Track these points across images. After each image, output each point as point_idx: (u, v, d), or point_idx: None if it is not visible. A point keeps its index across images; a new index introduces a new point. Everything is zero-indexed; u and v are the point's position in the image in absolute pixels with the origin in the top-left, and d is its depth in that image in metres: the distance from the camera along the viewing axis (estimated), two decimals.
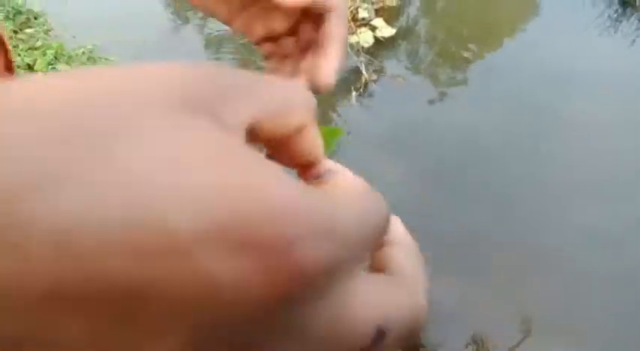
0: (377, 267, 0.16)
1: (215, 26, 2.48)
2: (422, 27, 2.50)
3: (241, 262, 0.09)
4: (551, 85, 2.21)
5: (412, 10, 2.57)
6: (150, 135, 0.09)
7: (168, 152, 0.09)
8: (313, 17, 0.27)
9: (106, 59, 2.14)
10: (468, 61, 2.37)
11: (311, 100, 0.14)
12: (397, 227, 0.18)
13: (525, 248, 1.69)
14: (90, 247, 0.08)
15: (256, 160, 0.10)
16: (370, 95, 2.14)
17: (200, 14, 2.53)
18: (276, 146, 0.13)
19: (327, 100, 2.13)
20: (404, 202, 1.83)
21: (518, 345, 1.51)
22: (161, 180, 0.09)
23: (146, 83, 0.10)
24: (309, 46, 0.28)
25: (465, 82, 2.26)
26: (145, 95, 0.10)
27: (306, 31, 0.28)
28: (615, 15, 2.57)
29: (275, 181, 0.09)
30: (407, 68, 2.26)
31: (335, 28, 0.26)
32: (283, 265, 0.09)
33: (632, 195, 1.85)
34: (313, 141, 0.14)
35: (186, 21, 2.56)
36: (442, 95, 2.20)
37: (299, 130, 0.13)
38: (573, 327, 1.53)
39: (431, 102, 2.18)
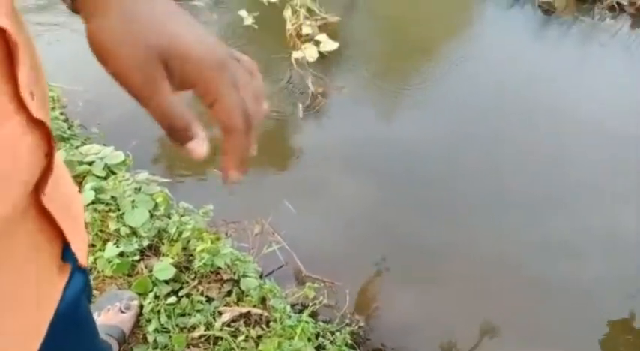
0: None
1: None
2: (364, 41, 2.58)
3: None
4: (495, 93, 2.32)
5: (354, 25, 2.66)
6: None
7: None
8: None
9: None
10: (410, 72, 2.47)
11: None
12: None
13: (482, 257, 1.74)
14: None
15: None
16: (317, 108, 2.17)
17: None
18: None
19: (274, 116, 2.14)
20: (362, 216, 1.85)
21: (476, 346, 1.55)
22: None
23: None
24: None
25: (409, 92, 2.35)
26: None
27: None
28: (537, 25, 2.77)
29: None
30: (351, 80, 2.32)
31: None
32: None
33: (590, 204, 1.93)
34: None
35: None
36: (388, 106, 2.27)
37: None
38: (531, 330, 1.59)
39: (377, 113, 2.24)
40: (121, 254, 1.33)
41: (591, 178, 2.02)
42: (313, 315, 1.46)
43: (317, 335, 1.37)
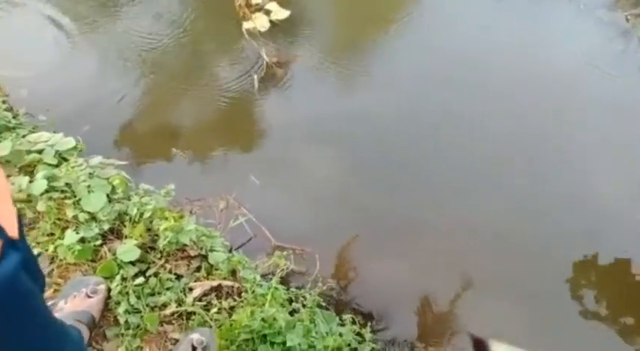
0: None
1: None
2: (316, 6, 2.53)
3: None
4: (450, 59, 2.32)
5: None
6: None
7: None
8: None
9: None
10: (365, 38, 2.45)
11: None
12: None
13: (454, 223, 1.78)
14: None
15: None
16: (273, 79, 2.14)
17: None
18: None
19: (228, 86, 2.10)
20: (326, 185, 1.86)
21: (455, 300, 1.62)
22: None
23: None
24: None
25: (364, 58, 2.33)
26: None
27: None
28: None
29: None
30: (306, 48, 2.28)
31: None
32: None
33: (554, 166, 1.98)
34: None
35: None
36: (344, 74, 2.25)
37: None
38: (500, 285, 1.67)
39: (334, 81, 2.22)
40: (82, 240, 1.30)
41: (553, 137, 2.08)
42: (286, 283, 1.49)
43: (290, 301, 1.39)
